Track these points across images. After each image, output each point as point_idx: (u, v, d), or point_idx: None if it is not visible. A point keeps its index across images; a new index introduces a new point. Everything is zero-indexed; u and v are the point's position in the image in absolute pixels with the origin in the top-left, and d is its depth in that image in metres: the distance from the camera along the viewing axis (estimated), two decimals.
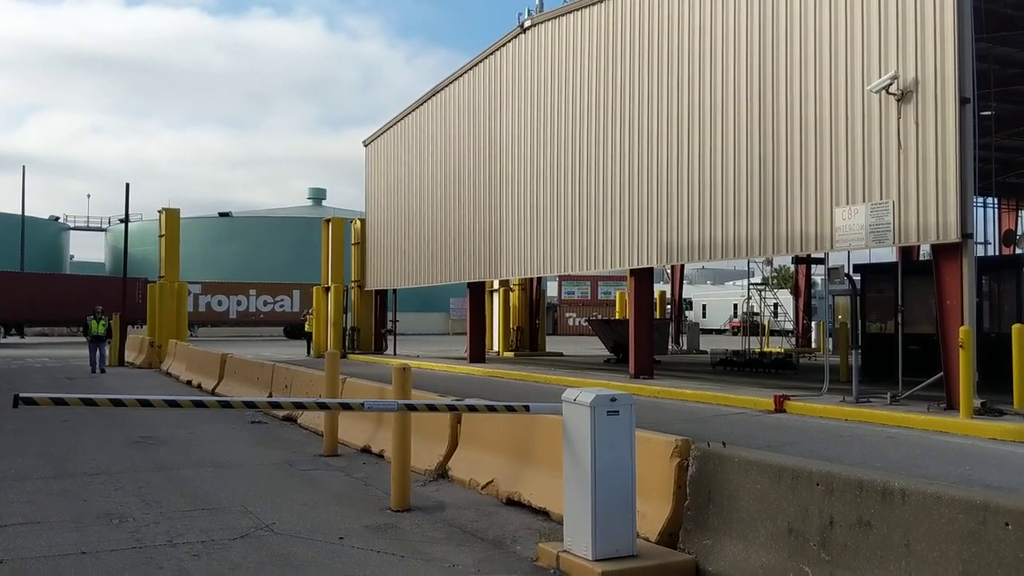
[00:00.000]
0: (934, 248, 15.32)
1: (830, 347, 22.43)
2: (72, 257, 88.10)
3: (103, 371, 26.26)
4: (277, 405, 7.31)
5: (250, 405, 6.61)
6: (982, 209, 30.70)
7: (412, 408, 7.52)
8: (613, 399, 6.35)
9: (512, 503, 8.39)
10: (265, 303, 58.17)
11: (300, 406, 7.50)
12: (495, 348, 37.44)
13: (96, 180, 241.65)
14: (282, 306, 58.51)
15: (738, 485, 6.19)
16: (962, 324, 14.10)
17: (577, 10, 24.38)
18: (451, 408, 7.78)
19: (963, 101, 14.48)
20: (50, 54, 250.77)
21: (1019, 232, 33.22)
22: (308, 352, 36.96)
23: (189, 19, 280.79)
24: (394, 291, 36.19)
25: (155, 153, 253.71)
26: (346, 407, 7.55)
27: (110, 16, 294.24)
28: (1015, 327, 14.46)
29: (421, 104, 33.28)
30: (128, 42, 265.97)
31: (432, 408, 7.53)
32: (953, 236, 14.48)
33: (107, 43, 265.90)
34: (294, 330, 57.02)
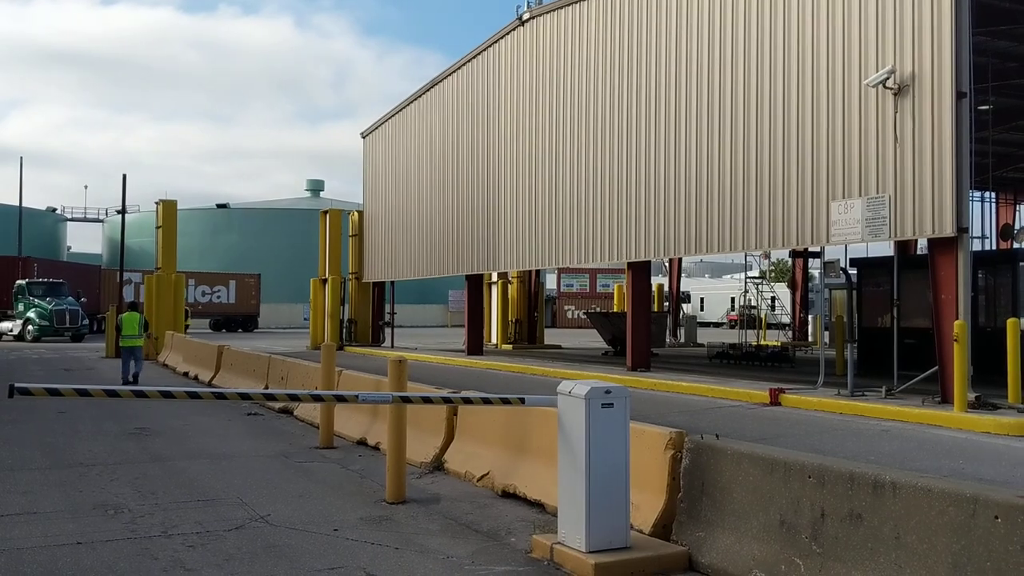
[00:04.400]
0: (930, 242, 15.34)
1: (826, 340, 22.47)
2: (69, 248, 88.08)
3: (135, 379, 19.93)
4: (271, 397, 7.32)
5: (244, 396, 6.62)
6: (980, 203, 30.79)
7: (407, 400, 7.54)
8: (608, 391, 6.37)
9: (507, 495, 8.42)
10: (203, 294, 54.11)
11: (294, 398, 7.51)
12: (493, 341, 37.46)
13: (81, 173, 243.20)
14: (219, 297, 54.39)
15: (731, 477, 6.22)
16: (957, 318, 14.14)
17: (575, 3, 24.34)
18: (446, 400, 7.80)
19: (960, 95, 14.50)
20: (27, 51, 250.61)
21: (1016, 226, 33.26)
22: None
23: (163, 17, 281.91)
24: (392, 283, 36.20)
25: (137, 147, 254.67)
26: (341, 399, 7.57)
27: (83, 15, 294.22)
28: (1009, 321, 14.51)
29: (419, 96, 33.24)
30: (104, 40, 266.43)
31: (427, 400, 7.55)
32: (949, 230, 14.51)
33: (83, 40, 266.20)
34: (227, 323, 53.24)
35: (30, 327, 39.28)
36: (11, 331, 40.57)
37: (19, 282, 41.25)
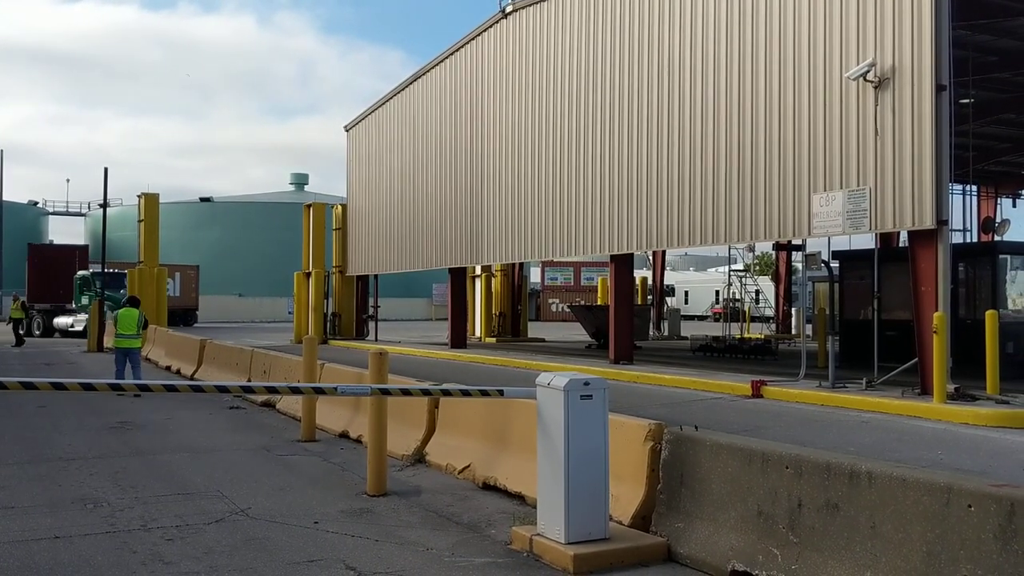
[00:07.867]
0: (910, 234, 15.44)
1: (809, 333, 22.59)
2: (51, 242, 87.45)
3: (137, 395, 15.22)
4: (250, 390, 7.30)
5: (222, 389, 6.60)
6: (961, 197, 30.96)
7: (386, 392, 7.53)
8: (586, 383, 6.37)
9: (488, 487, 8.43)
10: None
11: (273, 390, 7.48)
12: (477, 334, 37.45)
13: (54, 168, 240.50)
14: (168, 290, 48.82)
15: (709, 468, 6.25)
16: (937, 310, 14.23)
17: None
18: (425, 392, 7.80)
19: (939, 88, 14.57)
20: None
21: (997, 220, 33.47)
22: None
23: (126, 14, 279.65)
24: (376, 277, 36.13)
25: (107, 142, 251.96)
26: (319, 391, 7.56)
27: (45, 12, 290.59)
28: (988, 313, 14.62)
29: (403, 89, 33.14)
30: (67, 37, 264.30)
31: (406, 392, 7.54)
32: (928, 222, 14.60)
33: (45, 38, 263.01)
34: (168, 317, 47.74)
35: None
36: (71, 327, 37.01)
37: (82, 273, 37.92)
